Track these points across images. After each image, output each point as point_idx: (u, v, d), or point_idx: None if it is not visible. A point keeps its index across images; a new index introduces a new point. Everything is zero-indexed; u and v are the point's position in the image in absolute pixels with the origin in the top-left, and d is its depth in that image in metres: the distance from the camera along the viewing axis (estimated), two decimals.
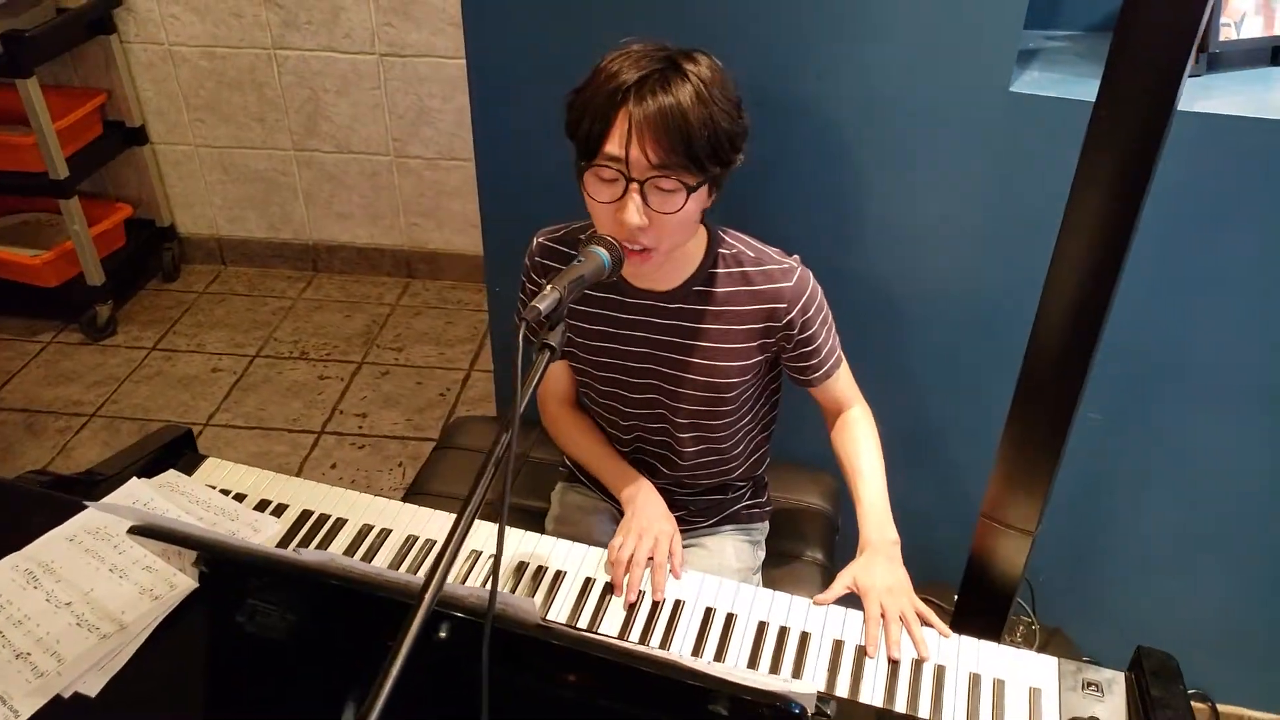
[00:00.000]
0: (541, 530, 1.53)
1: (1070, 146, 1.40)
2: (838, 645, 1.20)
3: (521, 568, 1.30)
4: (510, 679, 0.83)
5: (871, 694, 1.14)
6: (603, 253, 1.08)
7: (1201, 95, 1.40)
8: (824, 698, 1.07)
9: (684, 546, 1.36)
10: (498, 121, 1.72)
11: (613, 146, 1.12)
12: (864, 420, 1.44)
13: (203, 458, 1.45)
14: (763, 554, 1.56)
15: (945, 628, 1.21)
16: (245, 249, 3.48)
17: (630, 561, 1.27)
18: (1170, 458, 1.64)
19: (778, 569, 1.58)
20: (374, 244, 3.42)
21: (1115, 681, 1.14)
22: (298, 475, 1.41)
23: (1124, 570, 1.80)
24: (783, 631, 1.21)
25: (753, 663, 1.18)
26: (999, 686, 1.14)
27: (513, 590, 1.28)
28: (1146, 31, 0.88)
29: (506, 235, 1.84)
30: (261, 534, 1.20)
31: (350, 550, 1.31)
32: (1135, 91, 0.91)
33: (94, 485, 1.35)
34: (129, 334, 3.16)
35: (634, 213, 1.13)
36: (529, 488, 1.74)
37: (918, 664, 1.17)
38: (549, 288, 0.97)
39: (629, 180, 1.13)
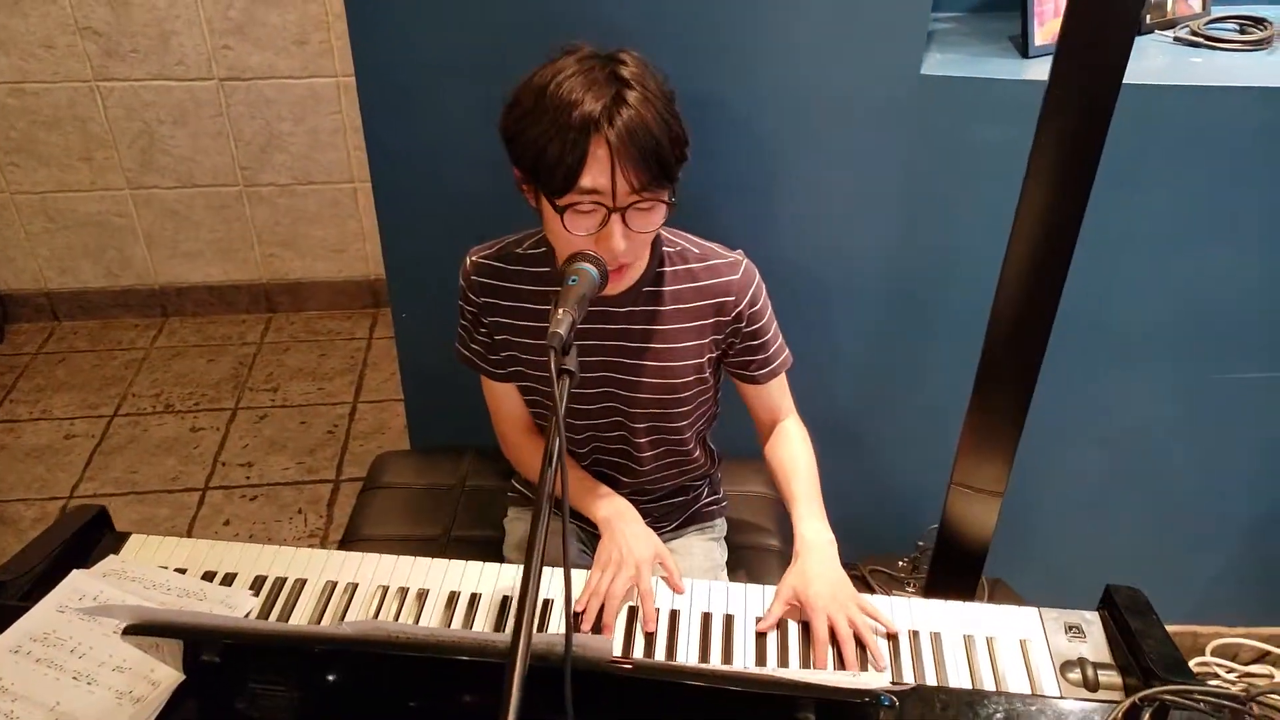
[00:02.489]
0: (500, 559, 1.47)
1: (982, 124, 1.48)
2: None
3: (506, 603, 1.25)
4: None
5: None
6: (592, 269, 1.05)
7: None
8: None
9: None
10: (392, 137, 1.63)
11: (590, 180, 1.08)
12: (798, 432, 1.44)
13: (124, 536, 1.31)
14: (725, 550, 1.57)
15: (891, 624, 1.18)
16: (82, 301, 3.19)
17: (607, 594, 1.22)
18: (1087, 407, 1.76)
19: (740, 561, 1.59)
20: (229, 281, 3.21)
21: (1092, 622, 1.21)
22: (187, 538, 1.30)
23: (1049, 514, 1.91)
24: (783, 626, 1.22)
25: (760, 660, 1.18)
26: (992, 644, 1.19)
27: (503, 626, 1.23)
28: (1094, 10, 0.93)
29: (410, 257, 1.76)
30: (238, 610, 1.10)
31: (321, 608, 1.22)
32: (1085, 68, 0.96)
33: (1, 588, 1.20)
34: None
35: (620, 239, 1.11)
36: (473, 517, 1.67)
37: (915, 635, 1.20)
38: (560, 312, 0.93)
39: (611, 210, 1.10)
